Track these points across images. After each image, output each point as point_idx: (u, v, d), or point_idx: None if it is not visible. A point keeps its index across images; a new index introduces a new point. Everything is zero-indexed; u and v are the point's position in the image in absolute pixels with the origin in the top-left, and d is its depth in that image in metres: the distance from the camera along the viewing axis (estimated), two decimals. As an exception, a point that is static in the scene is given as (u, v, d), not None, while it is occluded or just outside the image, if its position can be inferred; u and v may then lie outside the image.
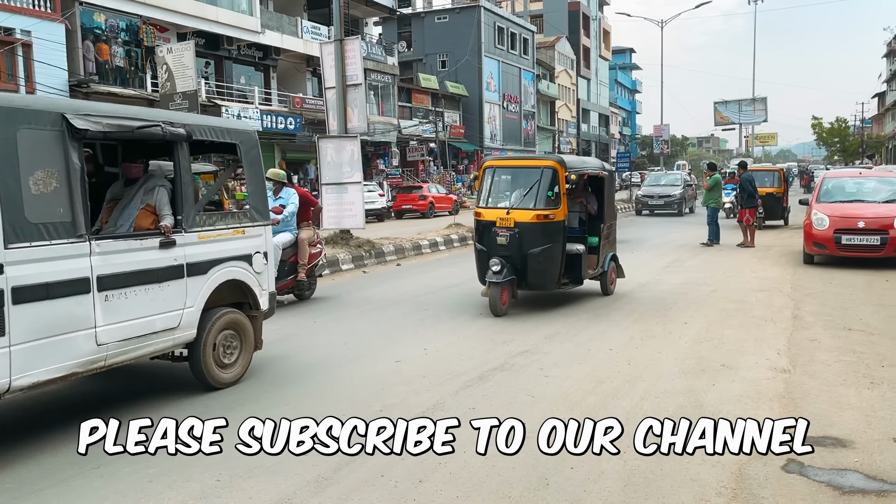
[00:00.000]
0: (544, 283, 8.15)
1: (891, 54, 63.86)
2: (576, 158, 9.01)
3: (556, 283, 8.16)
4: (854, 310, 8.04)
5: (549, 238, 7.92)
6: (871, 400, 4.90)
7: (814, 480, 3.67)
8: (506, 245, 7.97)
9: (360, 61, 13.68)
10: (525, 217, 7.94)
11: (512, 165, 9.11)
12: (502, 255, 7.95)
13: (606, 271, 9.11)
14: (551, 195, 7.99)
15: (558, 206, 7.99)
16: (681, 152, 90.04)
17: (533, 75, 55.30)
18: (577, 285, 8.67)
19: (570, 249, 8.33)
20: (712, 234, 15.14)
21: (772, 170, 20.60)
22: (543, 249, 7.89)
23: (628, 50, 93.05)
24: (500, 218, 8.05)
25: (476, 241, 8.51)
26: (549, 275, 8.07)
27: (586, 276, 8.63)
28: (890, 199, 11.78)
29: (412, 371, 5.83)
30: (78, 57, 21.45)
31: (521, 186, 8.44)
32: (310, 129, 29.10)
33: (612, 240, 9.37)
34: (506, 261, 7.89)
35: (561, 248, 8.02)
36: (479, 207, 8.43)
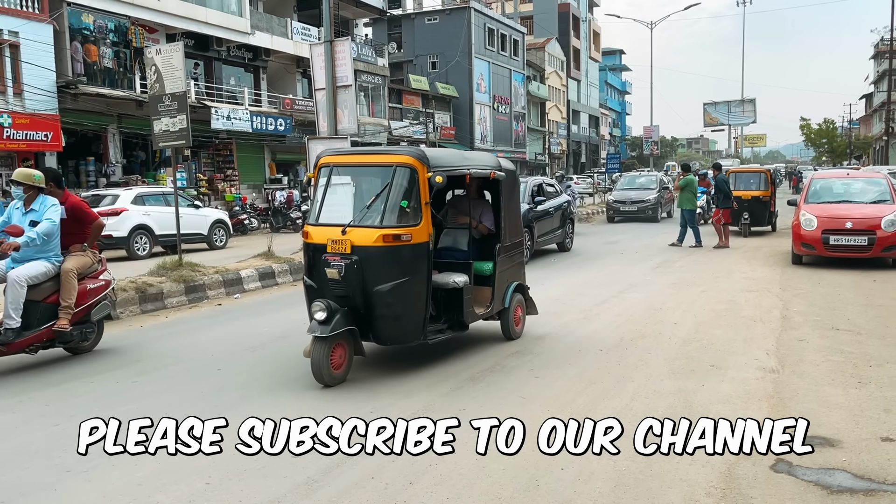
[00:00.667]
0: (400, 333, 5.73)
1: (878, 56, 64.36)
2: (451, 153, 6.50)
3: (421, 332, 5.74)
4: (842, 310, 8.09)
5: (403, 269, 5.51)
6: (859, 399, 4.94)
7: (802, 480, 3.69)
8: (340, 280, 5.51)
9: (350, 62, 13.66)
10: (367, 239, 5.46)
11: (355, 163, 6.24)
12: (336, 296, 5.54)
13: (508, 308, 6.77)
14: (406, 206, 5.55)
15: (418, 221, 5.55)
16: (671, 153, 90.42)
17: (523, 76, 55.39)
18: (458, 331, 6.30)
19: (445, 283, 6.08)
20: (694, 236, 15.14)
21: (757, 171, 18.82)
22: (395, 286, 5.44)
23: (618, 51, 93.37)
24: (333, 241, 5.55)
25: (305, 273, 6.00)
26: (406, 322, 5.64)
27: (473, 317, 6.33)
28: (877, 200, 11.87)
29: (402, 372, 5.83)
30: (66, 58, 21.32)
31: (366, 193, 5.93)
32: (300, 131, 29.04)
33: (518, 265, 7.12)
34: (340, 303, 5.49)
35: (424, 283, 5.64)
36: (308, 225, 5.92)
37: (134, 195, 16.24)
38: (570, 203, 15.42)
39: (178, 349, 6.96)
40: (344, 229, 5.52)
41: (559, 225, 14.50)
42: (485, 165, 6.53)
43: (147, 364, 6.39)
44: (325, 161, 6.09)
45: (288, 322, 7.80)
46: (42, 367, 6.35)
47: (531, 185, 13.65)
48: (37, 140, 19.86)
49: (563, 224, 14.69)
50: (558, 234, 14.48)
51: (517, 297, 6.96)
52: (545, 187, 14.38)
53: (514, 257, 6.99)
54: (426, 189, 5.61)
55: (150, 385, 5.70)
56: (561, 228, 14.59)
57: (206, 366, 6.27)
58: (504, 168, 6.83)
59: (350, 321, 5.45)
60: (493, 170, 6.48)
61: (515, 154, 54.34)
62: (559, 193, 15.14)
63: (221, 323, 8.35)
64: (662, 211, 23.81)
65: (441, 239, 6.76)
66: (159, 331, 7.87)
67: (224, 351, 6.79)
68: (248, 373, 5.99)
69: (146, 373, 6.08)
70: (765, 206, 17.34)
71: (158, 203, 16.47)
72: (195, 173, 25.81)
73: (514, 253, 6.96)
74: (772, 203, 17.66)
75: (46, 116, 20.03)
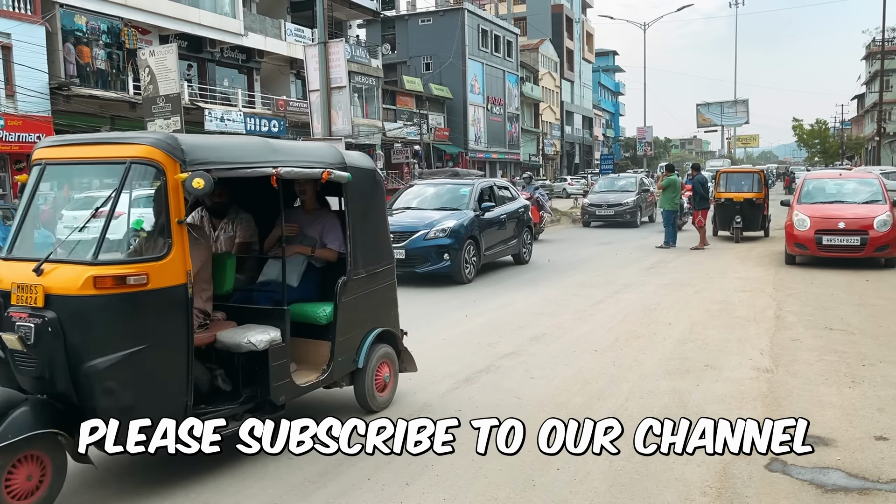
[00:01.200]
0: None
1: (869, 56, 64.71)
2: (239, 142, 4.33)
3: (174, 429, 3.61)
4: (835, 309, 8.13)
5: (135, 331, 3.49)
6: (853, 399, 4.97)
7: (797, 479, 3.71)
8: (27, 353, 3.49)
9: (344, 64, 13.68)
10: (70, 283, 3.45)
11: (72, 158, 3.98)
12: (28, 376, 3.56)
13: (364, 368, 4.77)
14: (141, 228, 3.70)
15: (163, 252, 3.57)
16: (664, 154, 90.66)
17: (517, 78, 55.47)
18: (266, 413, 4.12)
19: (234, 344, 4.05)
20: (669, 236, 15.16)
21: (750, 171, 17.41)
22: (122, 360, 3.43)
23: (611, 52, 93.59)
24: (20, 285, 3.55)
25: None
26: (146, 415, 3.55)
27: (293, 391, 4.31)
28: (869, 200, 11.93)
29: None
30: (59, 59, 21.24)
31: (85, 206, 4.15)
32: (294, 132, 29.01)
33: (384, 303, 5.10)
34: (35, 387, 3.56)
35: (178, 351, 3.63)
36: None
37: (127, 197, 16.18)
38: (527, 209, 13.37)
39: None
40: (38, 266, 3.49)
41: (514, 234, 12.52)
42: (311, 161, 4.47)
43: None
44: (37, 155, 4.01)
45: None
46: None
47: (478, 189, 11.78)
48: (29, 142, 19.76)
49: (518, 233, 12.71)
50: (512, 245, 12.52)
51: (380, 350, 4.93)
52: (497, 191, 12.58)
53: (376, 294, 4.95)
54: (178, 199, 3.60)
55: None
56: (516, 238, 12.61)
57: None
58: (352, 165, 4.75)
59: (48, 417, 3.43)
60: (326, 168, 4.45)
61: (509, 155, 54.48)
62: (515, 198, 13.31)
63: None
64: (643, 215, 22.02)
65: (263, 271, 4.89)
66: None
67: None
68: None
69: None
70: (758, 210, 15.85)
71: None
72: (188, 175, 25.75)
73: (374, 287, 4.92)
74: (765, 206, 16.19)
75: (39, 118, 19.96)
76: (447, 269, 10.27)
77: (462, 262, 10.40)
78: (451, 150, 45.95)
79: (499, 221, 11.94)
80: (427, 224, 10.45)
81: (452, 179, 12.82)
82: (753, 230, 16.07)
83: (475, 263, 10.90)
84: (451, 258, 10.21)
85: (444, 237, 10.23)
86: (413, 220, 10.77)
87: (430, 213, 10.97)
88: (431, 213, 11.00)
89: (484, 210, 11.37)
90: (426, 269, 10.16)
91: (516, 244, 12.66)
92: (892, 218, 11.16)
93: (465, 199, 11.33)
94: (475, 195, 11.49)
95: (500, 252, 12.10)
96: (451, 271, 10.36)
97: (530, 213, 13.68)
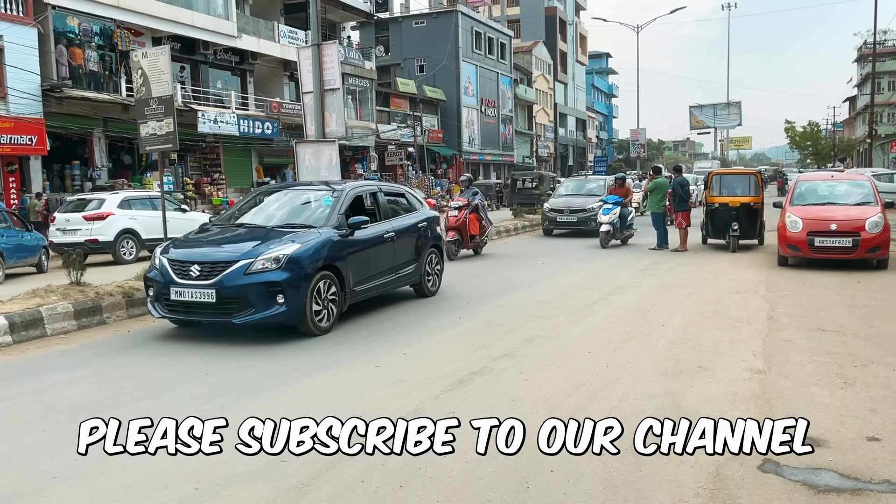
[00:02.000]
0: None
1: (861, 59, 65.04)
2: None
3: None
4: (827, 311, 8.17)
5: None
6: (845, 399, 4.98)
7: (789, 480, 3.72)
8: None
9: (337, 66, 13.64)
10: None
11: None
12: None
13: None
14: None
15: None
16: (657, 156, 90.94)
17: (510, 80, 55.56)
18: None
19: None
20: (660, 237, 15.16)
21: (745, 173, 15.76)
22: None
23: (605, 55, 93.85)
24: None
25: None
26: None
27: None
28: (861, 202, 11.99)
29: (391, 376, 5.83)
30: (51, 61, 21.17)
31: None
32: (287, 134, 28.98)
33: None
34: None
35: None
36: None
37: (120, 199, 16.18)
38: (431, 222, 10.01)
39: (168, 353, 6.92)
40: None
41: (409, 258, 9.30)
42: None
43: (134, 369, 6.35)
44: None
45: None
46: (27, 374, 6.30)
47: (347, 197, 8.44)
48: (21, 144, 19.70)
49: (417, 255, 9.47)
50: (408, 273, 9.26)
51: None
52: (382, 199, 9.16)
53: None
54: None
55: (139, 390, 5.66)
56: (413, 263, 9.37)
57: (196, 370, 6.24)
58: None
59: None
60: None
61: (503, 157, 54.52)
62: (415, 208, 9.94)
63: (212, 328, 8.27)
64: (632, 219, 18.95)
65: None
66: (146, 335, 7.82)
67: (214, 354, 6.76)
68: (233, 378, 5.97)
69: (134, 378, 6.04)
70: (755, 215, 14.41)
71: (145, 207, 16.41)
72: (182, 177, 25.70)
73: None
74: (761, 212, 14.65)
75: (31, 120, 19.88)
76: (282, 317, 7.03)
77: (308, 304, 7.13)
78: (445, 151, 45.97)
79: (380, 242, 8.65)
80: (250, 251, 7.17)
81: (312, 185, 9.66)
82: (750, 238, 14.64)
83: (336, 305, 7.59)
84: (289, 300, 6.98)
85: (275, 269, 7.00)
86: (233, 244, 7.61)
87: (262, 235, 7.73)
88: (267, 233, 7.78)
89: (353, 227, 8.06)
90: (248, 318, 6.94)
91: (414, 271, 9.38)
92: (883, 219, 11.24)
93: (325, 213, 8.13)
94: (341, 206, 8.24)
95: (386, 284, 8.85)
96: (291, 319, 7.11)
97: (439, 228, 10.51)
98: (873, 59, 45.41)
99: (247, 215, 8.70)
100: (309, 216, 8.21)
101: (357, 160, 36.55)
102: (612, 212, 15.53)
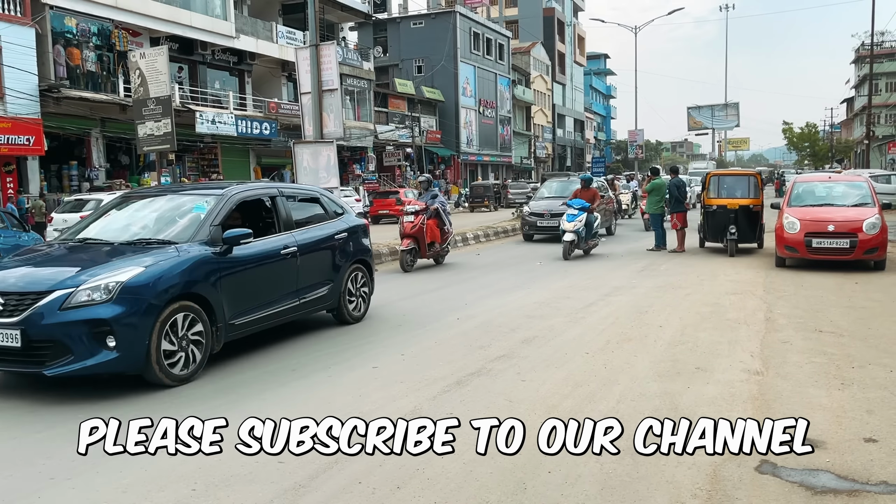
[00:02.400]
0: None
1: (859, 60, 65.18)
2: None
3: None
4: (825, 312, 8.17)
5: None
6: (842, 401, 4.99)
7: (786, 481, 3.72)
8: None
9: (335, 66, 13.64)
10: None
11: None
12: None
13: None
14: None
15: None
16: (655, 157, 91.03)
17: (509, 81, 55.60)
18: None
19: None
20: (658, 238, 15.17)
21: (744, 174, 15.25)
22: None
23: (602, 55, 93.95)
24: None
25: None
26: None
27: None
28: (859, 203, 11.99)
29: (389, 377, 5.83)
30: (48, 61, 21.16)
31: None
32: (285, 135, 28.98)
33: None
34: None
35: None
36: None
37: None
38: (354, 232, 8.13)
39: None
40: None
41: (323, 278, 7.53)
42: None
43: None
44: None
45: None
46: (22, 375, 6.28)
47: (225, 204, 6.53)
48: (19, 144, 19.68)
49: (335, 274, 7.70)
50: (320, 296, 7.45)
51: None
52: (284, 205, 7.24)
53: None
54: None
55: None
56: (328, 284, 7.57)
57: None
58: None
59: None
60: None
61: (501, 158, 54.54)
62: (336, 214, 8.08)
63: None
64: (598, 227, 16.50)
65: None
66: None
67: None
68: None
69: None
70: (755, 218, 13.87)
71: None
72: (180, 177, 25.66)
73: None
74: (760, 214, 14.04)
75: (29, 120, 19.86)
76: (114, 366, 5.32)
77: (154, 347, 5.40)
78: (442, 152, 46.00)
79: (275, 259, 6.79)
80: (72, 277, 5.41)
81: (195, 189, 7.72)
82: (749, 241, 14.16)
83: (201, 346, 5.83)
84: (123, 343, 5.26)
85: (104, 302, 5.28)
86: (55, 268, 5.81)
87: (102, 254, 5.98)
88: (110, 251, 6.02)
89: (229, 242, 6.19)
90: (64, 369, 5.20)
91: (329, 293, 7.56)
92: (881, 221, 11.25)
93: (192, 225, 6.32)
94: (216, 216, 6.35)
95: (285, 312, 6.93)
96: (127, 367, 5.41)
97: (367, 240, 8.53)
98: (871, 60, 45.51)
99: (94, 227, 6.83)
100: (172, 229, 6.38)
101: (355, 161, 36.58)
102: (576, 218, 13.63)
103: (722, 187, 14.26)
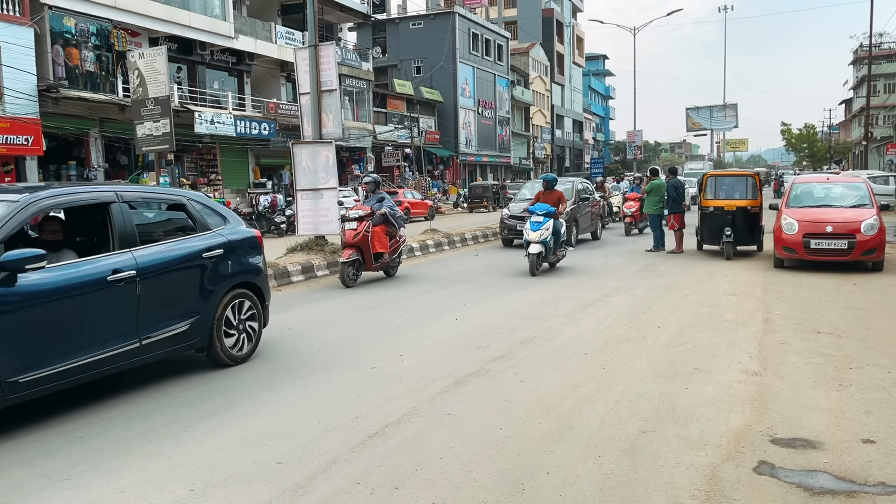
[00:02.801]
0: None
1: (857, 62, 65.27)
2: None
3: None
4: (823, 313, 8.18)
5: None
6: (840, 401, 4.99)
7: (785, 482, 3.72)
8: None
9: (334, 67, 13.65)
10: None
11: None
12: None
13: None
14: None
15: None
16: (654, 158, 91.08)
17: (507, 81, 55.60)
18: None
19: None
20: (657, 239, 15.18)
21: (742, 174, 14.71)
22: None
23: (601, 56, 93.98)
24: None
25: None
26: None
27: None
28: (857, 205, 12.01)
29: (387, 377, 5.82)
30: (47, 61, 21.12)
31: None
32: (284, 135, 28.97)
33: None
34: None
35: None
36: None
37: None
38: (234, 248, 6.31)
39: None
40: None
41: (184, 309, 5.80)
42: None
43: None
44: None
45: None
46: None
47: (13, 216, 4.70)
48: (18, 144, 19.65)
49: (203, 303, 5.97)
50: (178, 334, 5.71)
51: None
52: (123, 214, 5.48)
53: None
54: None
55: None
56: (193, 316, 5.84)
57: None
58: None
59: None
60: None
61: (500, 158, 54.55)
62: (210, 225, 6.28)
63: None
64: (580, 231, 16.52)
65: None
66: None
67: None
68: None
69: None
70: (754, 220, 13.54)
71: (141, 208, 16.32)
72: (179, 178, 25.64)
73: None
74: (760, 216, 13.70)
75: (27, 120, 19.83)
76: None
77: None
78: (441, 153, 46.00)
79: (94, 289, 5.04)
80: None
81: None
82: (747, 244, 13.84)
83: None
84: None
85: None
86: None
87: None
88: None
89: (11, 269, 4.48)
90: None
91: (192, 329, 5.83)
92: (879, 222, 11.26)
93: None
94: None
95: (113, 360, 5.18)
96: None
97: (254, 258, 6.61)
98: (869, 61, 45.58)
99: None
100: None
101: (354, 161, 36.58)
102: (542, 226, 11.59)
103: (719, 188, 13.98)
